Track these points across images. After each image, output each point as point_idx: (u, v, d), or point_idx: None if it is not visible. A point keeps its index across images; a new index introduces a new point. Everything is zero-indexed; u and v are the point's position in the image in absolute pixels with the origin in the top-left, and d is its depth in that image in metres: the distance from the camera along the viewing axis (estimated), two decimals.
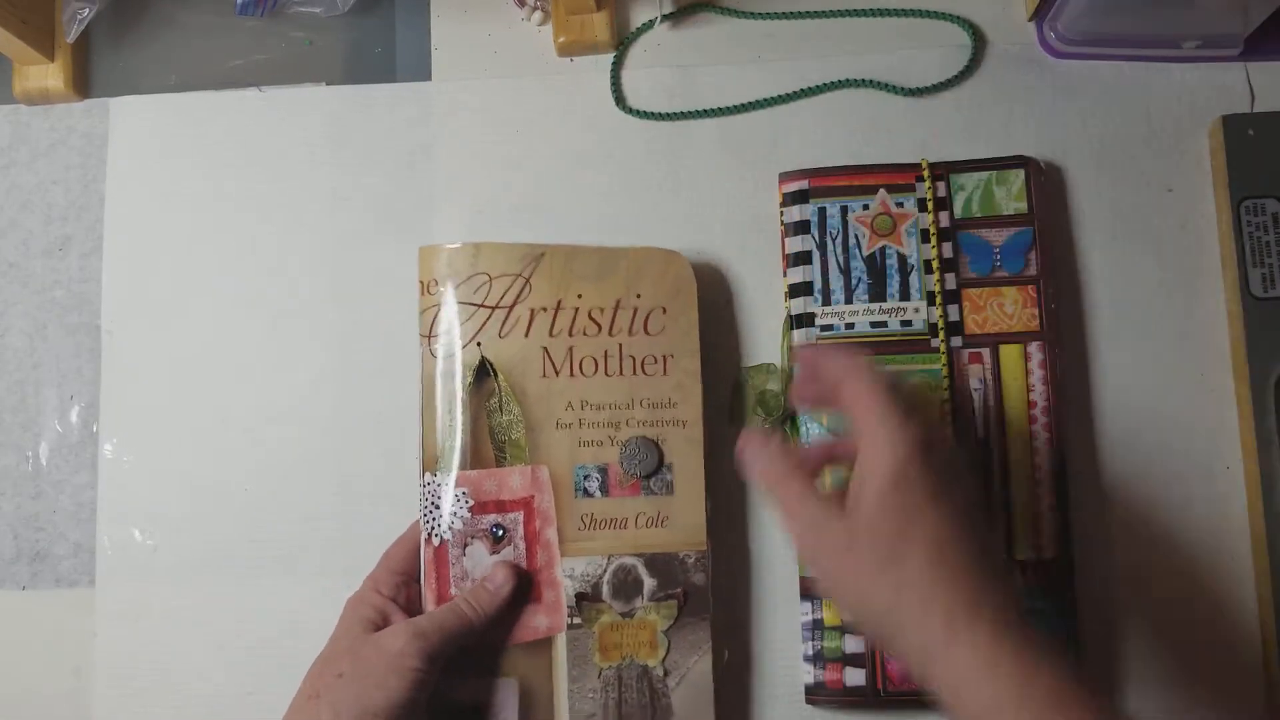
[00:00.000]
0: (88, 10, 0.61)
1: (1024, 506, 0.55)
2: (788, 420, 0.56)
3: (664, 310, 0.54)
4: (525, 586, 0.51)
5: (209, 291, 0.61)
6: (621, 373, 0.53)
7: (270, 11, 0.63)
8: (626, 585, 0.51)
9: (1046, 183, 0.58)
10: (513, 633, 0.51)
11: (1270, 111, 0.59)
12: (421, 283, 0.53)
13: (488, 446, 0.52)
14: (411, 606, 0.51)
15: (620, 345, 0.53)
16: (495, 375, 0.52)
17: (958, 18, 0.61)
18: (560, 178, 0.61)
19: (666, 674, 0.51)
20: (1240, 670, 0.55)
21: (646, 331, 0.53)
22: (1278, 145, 0.57)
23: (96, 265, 0.62)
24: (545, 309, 0.53)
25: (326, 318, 0.61)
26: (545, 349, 0.53)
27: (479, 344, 0.52)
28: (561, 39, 0.62)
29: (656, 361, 0.53)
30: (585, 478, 0.52)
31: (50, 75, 0.63)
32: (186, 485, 0.59)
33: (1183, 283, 0.58)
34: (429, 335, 0.53)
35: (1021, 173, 0.57)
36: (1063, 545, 0.54)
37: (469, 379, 0.52)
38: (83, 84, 0.64)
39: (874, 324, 0.56)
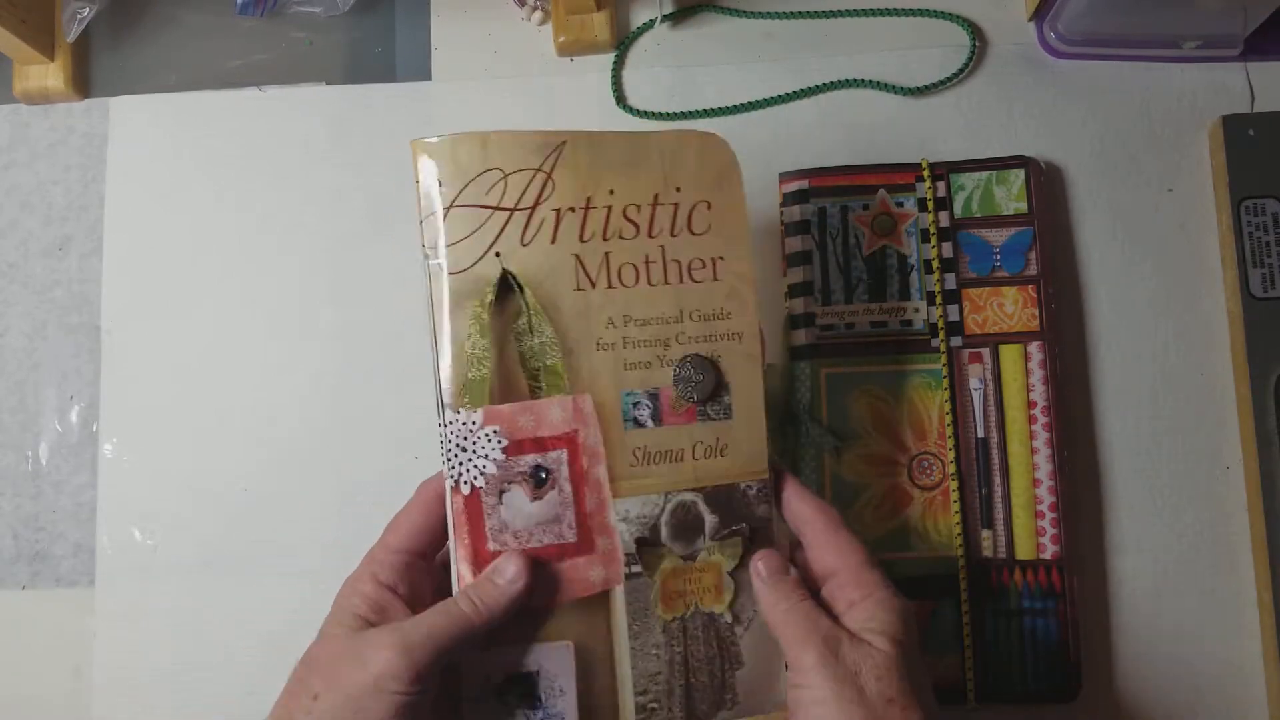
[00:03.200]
0: (88, 10, 0.61)
1: (1023, 506, 0.55)
2: (787, 421, 0.56)
3: (708, 205, 0.46)
4: (542, 582, 0.43)
5: (209, 291, 0.61)
6: (667, 281, 0.45)
7: (270, 11, 0.63)
8: (687, 525, 0.45)
9: (1046, 183, 0.58)
10: (565, 590, 0.43)
11: (1270, 111, 0.59)
12: (419, 184, 0.44)
13: (519, 376, 0.44)
14: (417, 593, 0.43)
15: (663, 248, 0.45)
16: (521, 291, 0.44)
17: (958, 17, 0.61)
18: None
19: (735, 621, 0.45)
20: (1240, 671, 0.55)
21: (691, 230, 0.45)
22: (1278, 145, 0.57)
23: (96, 265, 0.62)
24: (573, 209, 0.44)
25: (326, 318, 0.61)
26: (577, 257, 0.44)
27: (498, 254, 0.43)
28: (561, 39, 0.62)
29: (705, 265, 0.45)
30: (635, 405, 0.44)
31: (50, 75, 0.63)
32: (186, 485, 0.59)
33: (1183, 283, 0.58)
34: (433, 247, 0.44)
35: (1021, 173, 0.57)
36: (1062, 545, 0.54)
37: (489, 296, 0.43)
38: (83, 84, 0.64)
39: (874, 324, 0.56)
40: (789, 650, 0.42)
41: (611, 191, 0.45)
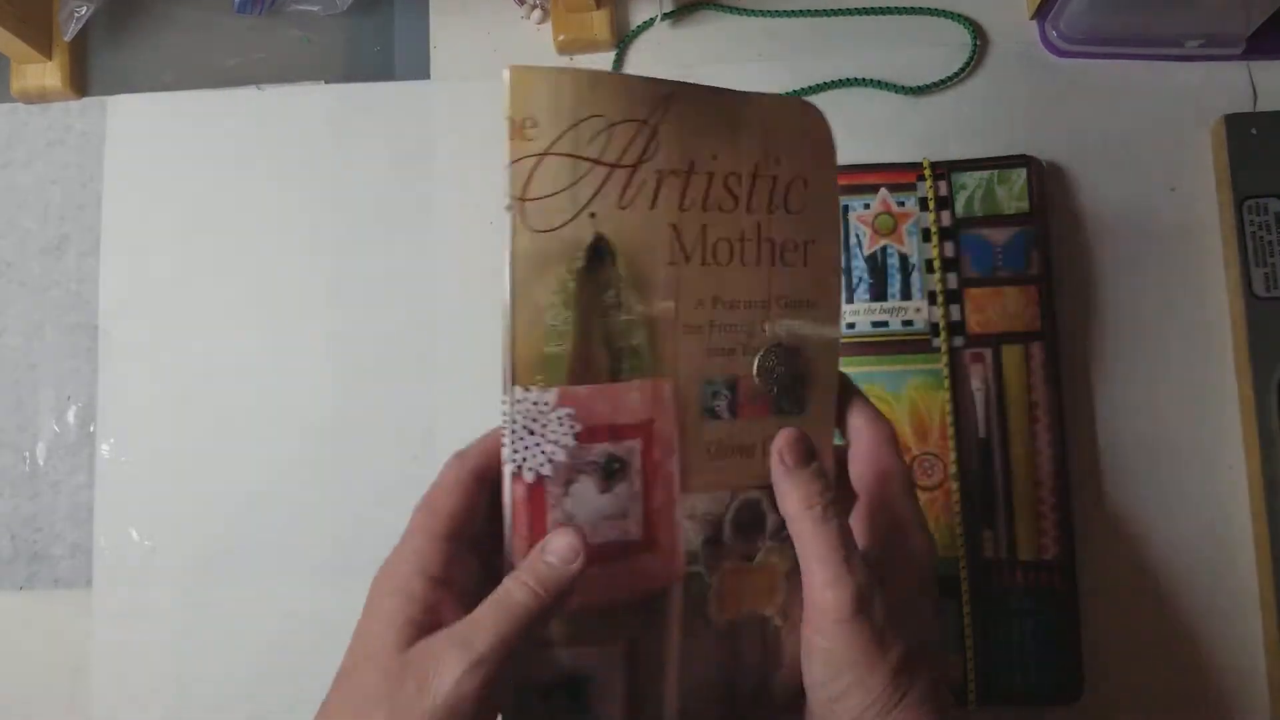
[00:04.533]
0: (85, 8, 0.61)
1: (1024, 506, 0.54)
2: None
3: (805, 183, 0.41)
4: (600, 581, 0.39)
5: (207, 291, 0.61)
6: (759, 261, 0.41)
7: (269, 9, 0.63)
8: (750, 524, 0.41)
9: (1048, 182, 0.58)
10: (622, 587, 0.39)
11: (1273, 110, 0.59)
12: (511, 121, 0.37)
13: (600, 354, 0.39)
14: (470, 586, 0.37)
15: (759, 225, 0.40)
16: (614, 260, 0.39)
17: (959, 16, 0.61)
18: None
19: (783, 622, 0.42)
20: (1242, 671, 0.55)
21: (787, 209, 0.41)
22: None
23: (94, 265, 0.62)
24: (675, 172, 0.39)
25: (326, 318, 0.60)
26: (674, 227, 0.39)
27: (592, 215, 0.38)
28: (561, 37, 0.61)
29: (797, 249, 0.41)
30: (714, 395, 0.40)
31: (48, 74, 0.63)
32: (185, 485, 0.59)
33: (1185, 282, 0.58)
34: (522, 198, 0.37)
35: (1023, 172, 0.57)
36: (1063, 545, 0.54)
37: (579, 263, 0.38)
38: (80, 82, 0.64)
39: (875, 324, 0.56)
40: (811, 578, 0.37)
41: (714, 157, 0.40)
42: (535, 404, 0.38)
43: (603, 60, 0.62)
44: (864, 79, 0.61)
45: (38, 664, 0.59)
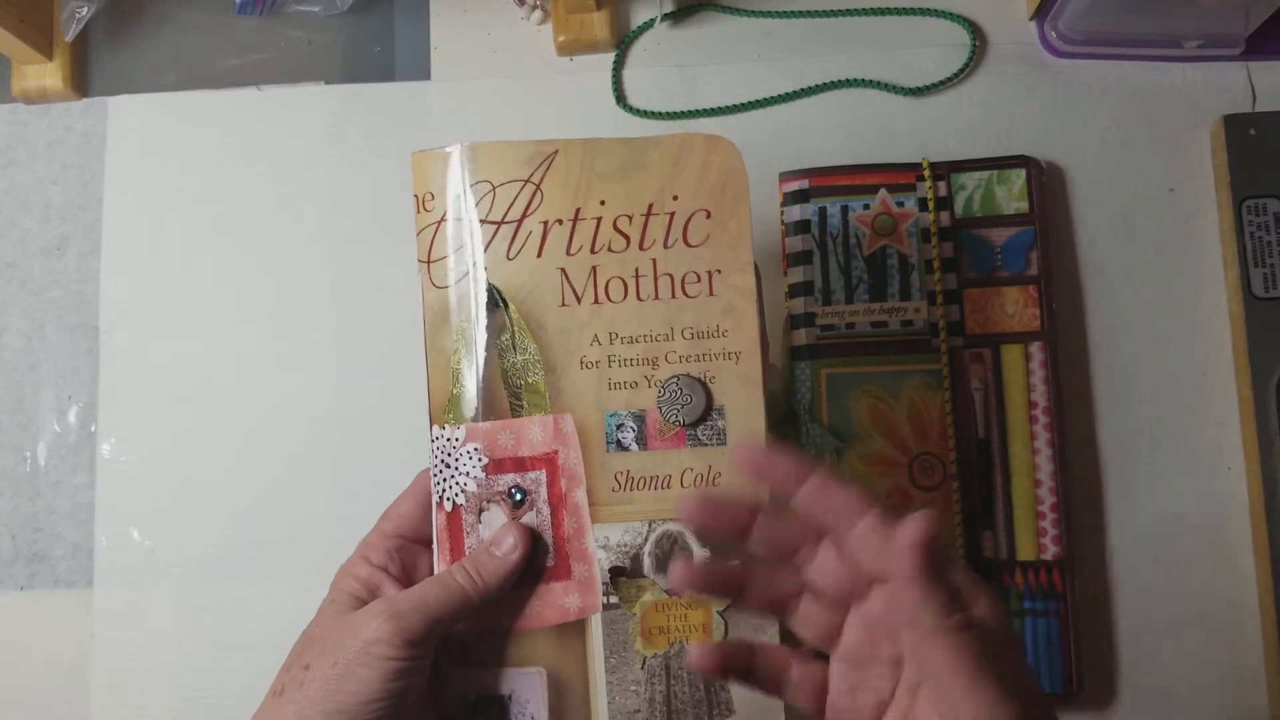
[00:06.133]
0: (86, 9, 0.61)
1: (1024, 507, 0.54)
2: (787, 422, 0.56)
3: (707, 214, 0.44)
4: (541, 554, 0.43)
5: (207, 291, 0.61)
6: (657, 296, 0.43)
7: (269, 10, 0.63)
8: (672, 557, 0.43)
9: (1048, 182, 0.58)
10: (538, 614, 0.43)
11: (1272, 111, 0.59)
12: (416, 197, 0.44)
13: (502, 393, 0.44)
14: (408, 575, 0.44)
15: (654, 261, 0.43)
16: (505, 306, 0.43)
17: (958, 17, 0.61)
18: None
19: None
20: (1242, 671, 0.55)
21: (686, 242, 0.44)
22: (1279, 145, 0.57)
23: (94, 265, 0.62)
24: (561, 221, 0.43)
25: (326, 318, 0.60)
26: (563, 270, 0.43)
27: (484, 268, 0.44)
28: (561, 38, 0.62)
29: (700, 279, 0.43)
30: (618, 427, 0.43)
31: (49, 74, 0.63)
32: (185, 485, 0.59)
33: (1184, 283, 0.58)
34: (428, 260, 0.44)
35: (1022, 172, 0.57)
36: (1063, 545, 0.54)
37: (474, 311, 0.44)
38: (81, 83, 0.64)
39: (874, 324, 0.56)
40: (935, 675, 0.34)
41: (602, 202, 0.44)
42: (449, 440, 0.43)
43: (603, 61, 0.62)
44: (864, 79, 0.61)
45: (38, 664, 0.59)
